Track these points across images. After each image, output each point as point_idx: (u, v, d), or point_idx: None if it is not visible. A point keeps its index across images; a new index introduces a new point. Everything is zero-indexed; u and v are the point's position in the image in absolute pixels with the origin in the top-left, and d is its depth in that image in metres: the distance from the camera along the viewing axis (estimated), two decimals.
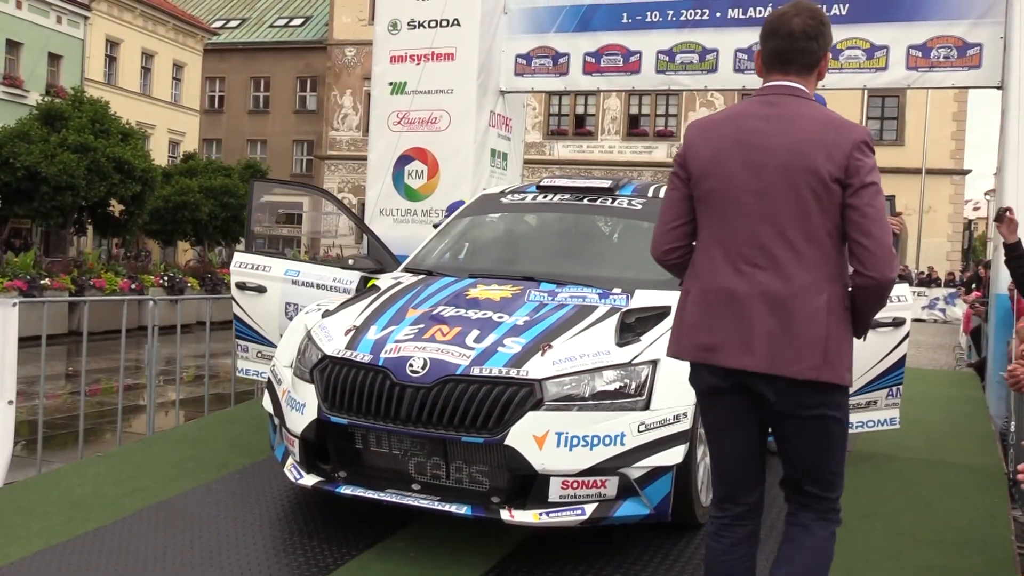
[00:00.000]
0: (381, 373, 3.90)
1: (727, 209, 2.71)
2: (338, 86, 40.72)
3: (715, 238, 2.75)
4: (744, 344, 2.64)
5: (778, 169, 2.64)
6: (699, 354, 2.74)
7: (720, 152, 2.73)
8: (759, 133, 2.69)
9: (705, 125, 2.84)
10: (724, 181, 2.71)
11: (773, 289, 2.63)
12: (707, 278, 2.75)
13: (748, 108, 2.78)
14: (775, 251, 2.64)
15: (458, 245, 5.59)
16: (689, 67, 8.49)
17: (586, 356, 3.87)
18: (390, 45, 9.06)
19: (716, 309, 2.71)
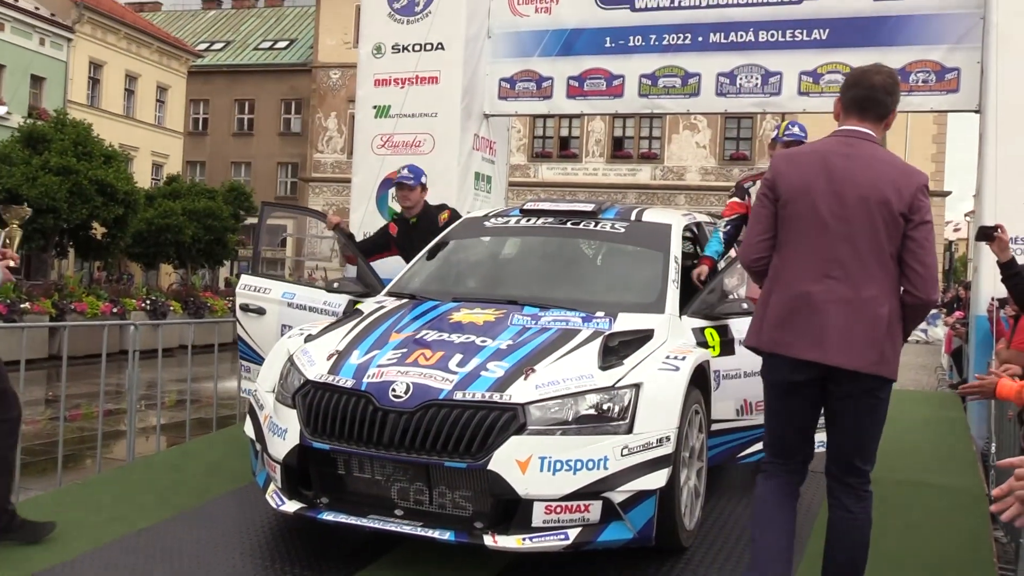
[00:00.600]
0: (364, 398, 3.90)
1: (811, 228, 3.29)
2: (323, 108, 40.78)
3: (798, 251, 3.32)
4: (816, 340, 3.23)
5: (857, 200, 3.25)
6: (777, 347, 3.32)
7: (808, 181, 3.31)
8: (843, 169, 3.29)
9: (793, 157, 3.44)
10: (811, 205, 3.29)
11: (846, 297, 3.23)
12: (789, 284, 3.32)
13: (830, 146, 3.38)
14: (849, 266, 3.24)
15: (442, 269, 5.60)
16: (672, 91, 8.55)
17: (569, 380, 3.88)
18: (374, 69, 9.08)
19: (795, 310, 3.29)
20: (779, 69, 8.21)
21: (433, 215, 6.61)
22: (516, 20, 9.10)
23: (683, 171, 36.79)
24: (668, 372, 4.02)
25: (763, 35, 8.24)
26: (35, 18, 31.39)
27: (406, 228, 6.57)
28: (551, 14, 8.98)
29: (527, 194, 35.21)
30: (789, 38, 8.19)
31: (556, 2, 8.95)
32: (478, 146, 9.15)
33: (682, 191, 36.72)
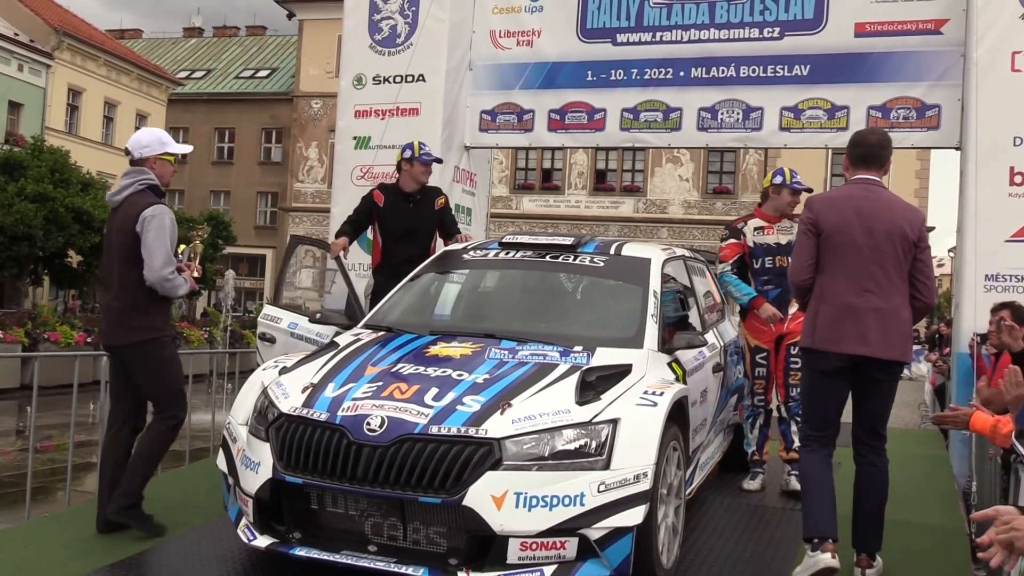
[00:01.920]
0: (338, 431, 3.90)
1: (849, 254, 4.39)
2: (304, 138, 40.87)
3: (841, 272, 4.40)
4: (861, 338, 4.33)
5: (883, 234, 4.38)
6: (831, 345, 4.38)
7: (845, 219, 4.41)
8: (869, 209, 4.42)
9: (830, 200, 4.52)
10: (849, 237, 4.39)
11: (879, 306, 4.36)
12: (835, 297, 4.40)
13: (856, 192, 4.48)
14: (880, 282, 4.37)
15: (419, 301, 5.61)
16: (653, 125, 8.63)
17: (546, 415, 3.89)
18: (355, 100, 9.14)
19: (842, 317, 4.37)
20: (760, 104, 8.31)
21: (431, 196, 6.70)
22: (497, 52, 9.19)
23: (666, 204, 37.01)
24: (646, 408, 4.04)
25: (744, 70, 8.35)
26: (14, 44, 31.40)
27: (401, 202, 6.63)
28: (532, 47, 9.07)
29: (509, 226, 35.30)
30: (770, 73, 8.30)
31: (538, 35, 9.05)
32: (458, 178, 9.20)
33: (665, 224, 36.91)
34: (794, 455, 5.93)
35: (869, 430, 4.53)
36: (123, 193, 5.00)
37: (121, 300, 4.95)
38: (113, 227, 5.01)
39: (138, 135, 5.16)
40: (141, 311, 4.92)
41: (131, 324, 4.92)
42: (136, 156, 5.05)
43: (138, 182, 5.00)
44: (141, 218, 4.85)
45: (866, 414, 4.52)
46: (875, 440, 4.53)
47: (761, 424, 6.20)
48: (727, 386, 6.09)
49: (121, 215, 4.96)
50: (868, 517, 4.51)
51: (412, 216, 6.56)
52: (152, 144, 5.07)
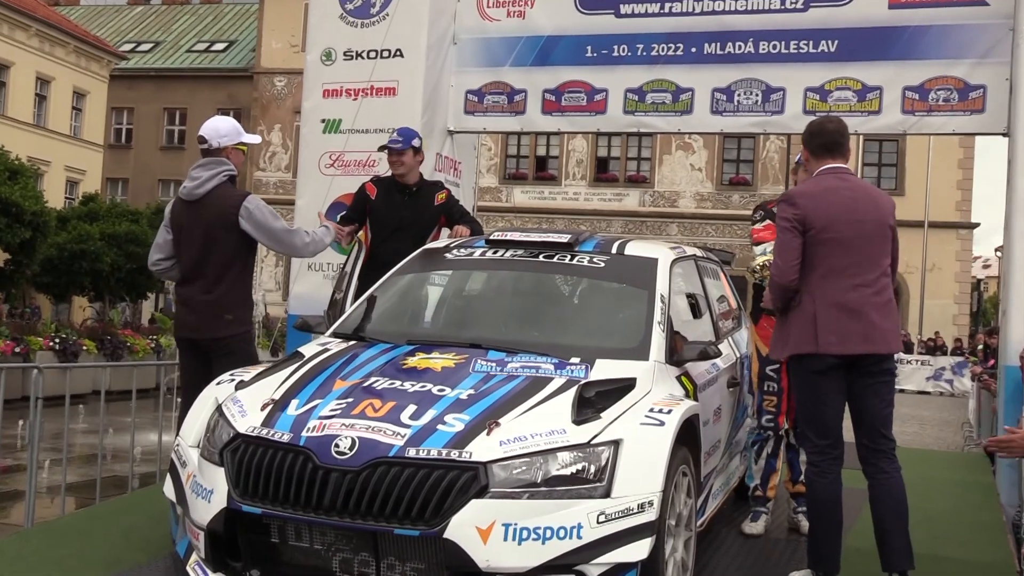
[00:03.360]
0: (302, 455, 3.90)
1: (840, 250, 4.68)
2: (265, 120, 40.86)
3: (833, 269, 4.68)
4: (865, 337, 4.64)
5: (870, 224, 4.74)
6: (833, 348, 4.63)
7: (834, 213, 4.70)
8: (855, 201, 4.75)
9: (813, 194, 4.78)
10: (839, 232, 4.68)
11: (875, 300, 4.69)
12: (829, 295, 4.66)
13: (833, 183, 4.80)
14: (871, 276, 4.70)
15: (395, 307, 5.61)
16: (661, 108, 8.64)
17: (538, 435, 3.90)
18: (323, 77, 9.12)
19: (840, 316, 4.64)
20: (782, 85, 8.32)
21: (430, 190, 6.72)
22: (485, 25, 9.19)
23: (676, 197, 37.12)
24: (652, 427, 4.05)
25: (764, 46, 8.36)
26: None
27: (395, 195, 6.66)
28: (525, 19, 9.06)
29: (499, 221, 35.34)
30: (793, 50, 8.30)
31: (531, 5, 9.05)
32: (440, 167, 9.20)
33: (675, 220, 37.03)
34: (801, 488, 5.81)
35: (874, 433, 4.79)
36: (207, 185, 5.55)
37: (214, 293, 5.52)
38: (197, 220, 5.54)
39: (215, 124, 5.70)
40: (235, 304, 5.57)
41: (224, 316, 5.51)
42: (214, 145, 5.62)
43: (221, 173, 5.58)
44: (244, 211, 5.48)
45: (868, 417, 4.79)
46: (882, 443, 4.78)
47: (769, 453, 6.00)
48: (743, 403, 6.10)
49: (210, 209, 5.50)
50: (892, 534, 4.67)
51: (405, 211, 6.57)
52: (231, 134, 5.67)
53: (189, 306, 5.67)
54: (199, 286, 5.58)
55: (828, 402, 4.75)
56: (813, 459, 4.82)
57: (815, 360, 4.70)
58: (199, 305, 5.58)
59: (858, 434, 4.84)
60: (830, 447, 4.77)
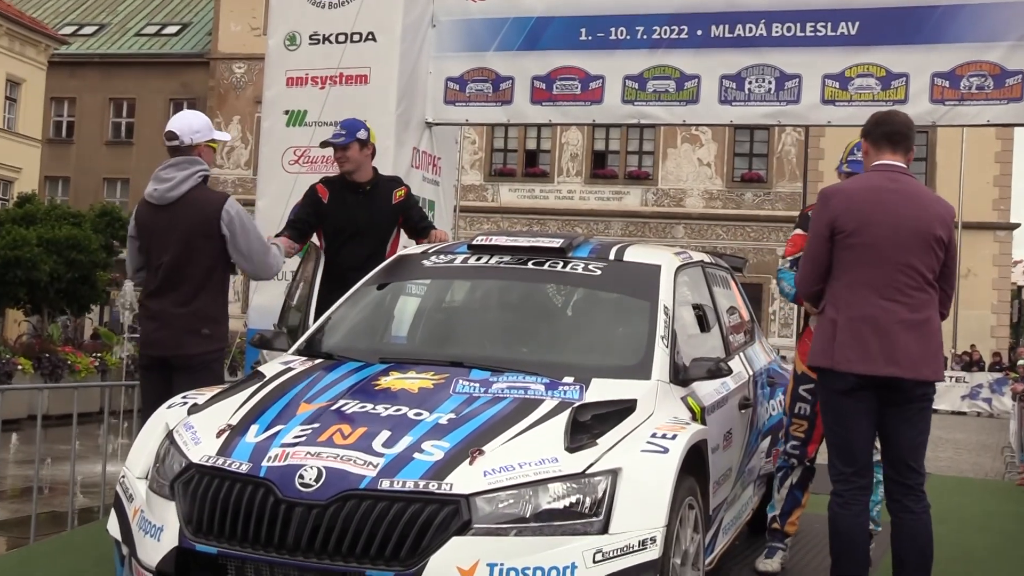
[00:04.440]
0: (263, 487, 3.89)
1: (873, 258, 4.68)
2: (223, 111, 40.83)
3: (861, 279, 4.70)
4: (889, 357, 4.62)
5: (912, 232, 4.69)
6: (852, 366, 4.66)
7: (868, 216, 4.71)
8: (896, 204, 4.73)
9: (848, 194, 4.87)
10: (873, 238, 4.68)
11: (907, 318, 4.65)
12: (855, 308, 4.69)
13: (878, 182, 4.81)
14: (906, 291, 4.67)
15: (366, 321, 5.62)
16: (664, 96, 8.65)
17: (527, 465, 3.90)
18: (287, 63, 9.12)
19: (865, 332, 4.66)
20: (798, 71, 8.34)
21: (387, 188, 6.70)
22: (467, 5, 9.21)
23: (681, 195, 37.21)
24: (654, 455, 4.05)
25: (777, 29, 8.38)
26: None
27: (347, 195, 6.65)
28: None
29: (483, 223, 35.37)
30: (810, 33, 8.33)
31: None
32: (418, 163, 9.21)
33: (681, 220, 37.10)
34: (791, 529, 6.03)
35: (902, 467, 4.81)
36: (182, 187, 5.58)
37: (190, 306, 5.55)
38: (171, 226, 5.57)
39: (187, 119, 5.76)
40: (212, 319, 5.62)
41: (201, 332, 5.56)
42: (187, 142, 5.67)
43: (196, 174, 5.64)
44: (226, 215, 5.53)
45: (896, 447, 4.81)
46: (911, 478, 4.79)
47: (794, 483, 5.99)
48: (757, 426, 6.11)
49: (187, 214, 5.52)
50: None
51: (360, 213, 6.55)
52: (203, 129, 5.76)
53: (160, 320, 5.67)
54: (172, 298, 5.60)
55: (853, 426, 4.77)
56: (837, 488, 4.84)
57: (837, 378, 4.75)
58: (173, 319, 5.59)
59: (886, 466, 4.90)
60: (855, 475, 4.79)
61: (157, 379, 5.66)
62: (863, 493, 4.81)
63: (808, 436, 5.87)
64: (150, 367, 5.76)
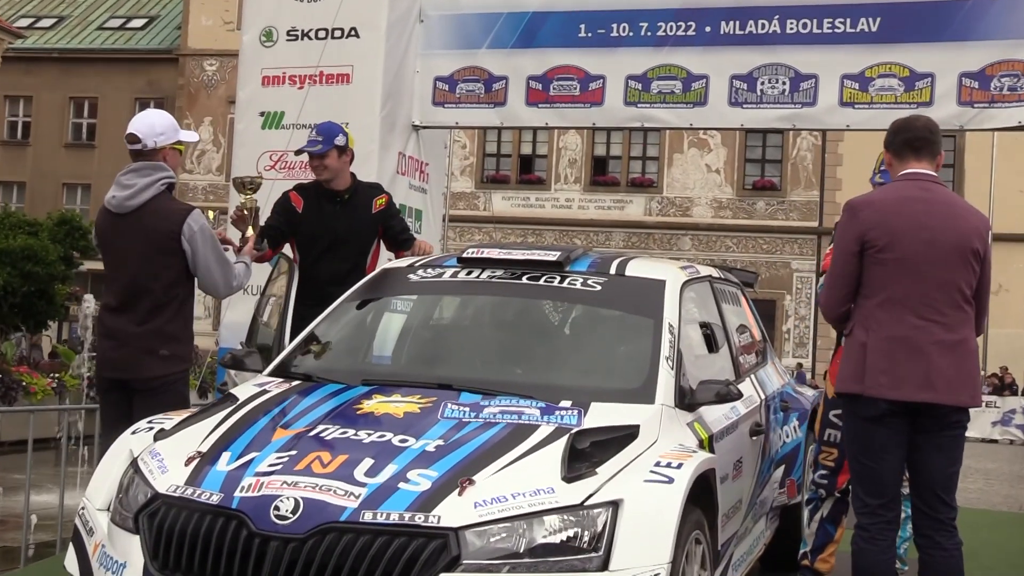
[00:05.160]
0: (235, 519, 3.89)
1: (905, 274, 4.69)
2: (193, 112, 40.86)
3: (894, 297, 4.71)
4: (925, 381, 4.63)
5: (948, 247, 4.71)
6: (884, 391, 4.66)
7: (900, 229, 4.71)
8: (930, 216, 4.75)
9: (878, 205, 4.86)
10: (906, 253, 4.70)
11: (944, 339, 4.67)
12: (887, 329, 4.70)
13: (909, 192, 4.83)
14: (942, 309, 4.69)
15: (348, 340, 5.63)
16: (670, 98, 8.67)
17: (521, 496, 3.90)
18: (263, 61, 9.14)
19: (898, 354, 4.66)
20: (814, 71, 8.37)
21: (367, 195, 6.71)
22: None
23: (688, 204, 37.25)
24: (658, 485, 4.05)
25: (792, 25, 8.41)
26: None
27: (324, 204, 6.67)
28: None
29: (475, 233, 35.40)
30: (827, 30, 8.36)
31: None
32: (404, 169, 9.22)
33: (688, 231, 37.14)
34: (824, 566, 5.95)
35: (933, 499, 4.80)
36: (143, 195, 5.53)
37: (149, 324, 5.53)
38: (130, 237, 5.55)
39: (149, 119, 5.69)
40: (174, 338, 5.60)
41: (159, 352, 5.54)
42: (150, 145, 5.59)
43: (159, 181, 5.56)
44: (188, 229, 5.49)
45: (927, 478, 4.82)
46: (942, 512, 4.79)
47: (824, 516, 5.97)
48: (770, 454, 6.11)
49: (147, 224, 5.49)
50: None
51: (339, 222, 6.55)
52: (168, 131, 5.67)
53: (117, 339, 5.65)
54: (131, 316, 5.58)
55: (883, 455, 4.78)
56: (862, 522, 4.84)
57: (866, 404, 4.74)
58: (130, 339, 5.57)
59: (915, 497, 4.88)
60: (883, 508, 4.80)
61: (117, 402, 5.65)
62: (890, 528, 4.80)
63: (838, 465, 5.86)
64: (109, 389, 5.74)
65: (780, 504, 6.44)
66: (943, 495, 4.79)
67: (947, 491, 4.80)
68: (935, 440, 4.75)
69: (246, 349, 5.68)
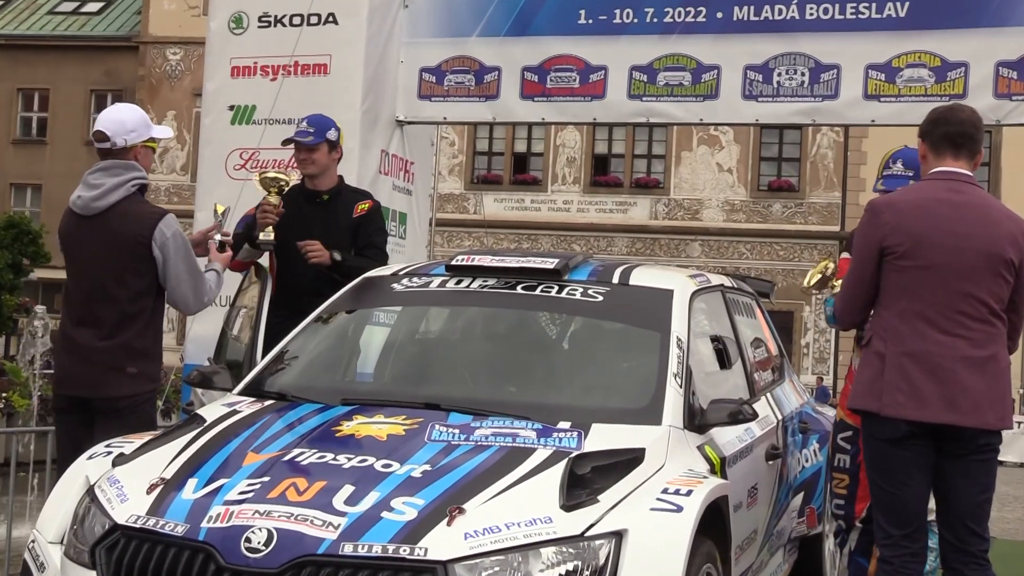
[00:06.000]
0: (202, 552, 3.88)
1: (930, 284, 4.66)
2: (154, 105, 40.82)
3: (914, 308, 4.68)
4: (949, 401, 4.59)
5: (978, 256, 4.65)
6: (904, 411, 4.62)
7: (925, 234, 4.68)
8: (960, 221, 4.70)
9: (901, 207, 4.82)
10: (930, 260, 4.66)
11: (971, 354, 4.62)
12: (907, 342, 4.67)
13: (938, 194, 4.80)
14: (969, 322, 4.64)
15: (326, 355, 5.64)
16: (678, 91, 8.68)
17: (515, 526, 3.90)
18: (232, 50, 9.13)
19: (918, 371, 4.63)
20: (836, 61, 8.38)
21: (350, 199, 6.70)
22: None
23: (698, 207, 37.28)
24: (665, 514, 4.06)
25: (812, 10, 8.42)
26: None
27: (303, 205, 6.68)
28: None
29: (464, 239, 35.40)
30: (851, 15, 8.37)
31: None
32: (387, 168, 9.22)
33: (697, 236, 37.18)
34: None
35: (962, 530, 4.76)
36: (111, 197, 5.53)
37: (115, 339, 5.50)
38: (97, 243, 5.55)
39: (118, 115, 5.68)
40: (142, 355, 5.57)
41: (126, 370, 5.51)
42: (119, 144, 5.57)
43: (130, 182, 5.57)
44: (159, 235, 5.48)
45: (955, 507, 4.77)
46: (972, 543, 4.76)
47: (853, 549, 5.99)
48: (788, 480, 6.12)
49: (113, 227, 5.48)
50: None
51: (315, 225, 6.54)
52: (139, 127, 5.65)
53: (79, 355, 5.62)
54: (95, 329, 5.55)
55: (904, 481, 4.75)
56: (885, 554, 4.82)
57: (885, 425, 4.72)
58: (93, 354, 5.53)
59: (941, 528, 4.86)
60: (907, 539, 4.77)
61: (75, 424, 5.60)
62: (916, 560, 4.78)
63: (852, 492, 5.87)
64: (67, 409, 5.70)
65: (799, 535, 6.45)
66: (973, 525, 4.75)
67: (978, 521, 4.76)
68: (962, 465, 4.71)
69: (214, 366, 5.67)
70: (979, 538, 4.75)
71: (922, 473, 4.73)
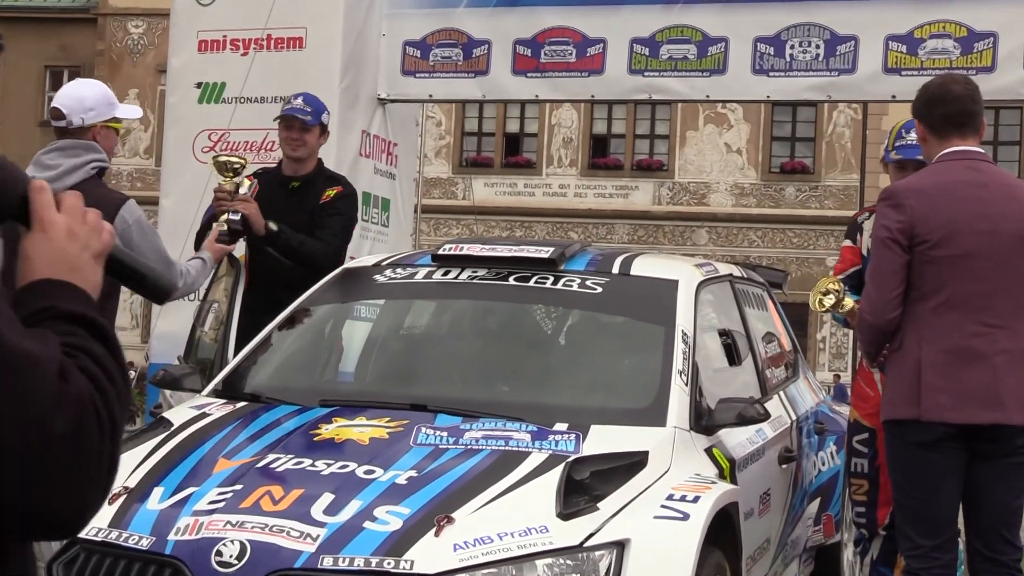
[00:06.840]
0: (170, 567, 3.90)
1: (963, 272, 4.64)
2: (115, 83, 40.65)
3: (949, 301, 4.65)
4: (992, 398, 4.58)
5: (1012, 237, 4.66)
6: (946, 414, 4.59)
7: (954, 219, 4.66)
8: (988, 203, 4.71)
9: (928, 191, 4.78)
10: (966, 247, 4.64)
11: (1012, 347, 4.62)
12: (945, 339, 4.64)
13: (961, 175, 4.78)
14: (1009, 313, 4.65)
15: (302, 353, 5.65)
16: (682, 65, 8.69)
17: (508, 536, 3.91)
18: (199, 22, 9.13)
19: (956, 368, 4.61)
20: (853, 32, 8.39)
21: (321, 186, 6.69)
22: None
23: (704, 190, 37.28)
24: (671, 522, 4.08)
25: None
26: None
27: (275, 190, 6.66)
28: None
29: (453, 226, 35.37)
30: None
31: None
32: (368, 150, 9.23)
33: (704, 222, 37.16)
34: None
35: (994, 538, 4.78)
36: (67, 179, 5.37)
37: None
38: None
39: (77, 91, 5.64)
40: None
41: None
42: (76, 123, 5.51)
43: (89, 164, 5.48)
44: (121, 223, 5.34)
45: (988, 513, 4.78)
46: (1005, 553, 4.77)
47: (875, 558, 5.96)
48: (803, 485, 6.13)
49: None
50: None
51: (283, 213, 6.51)
52: (99, 105, 5.55)
53: None
54: None
55: (938, 487, 4.75)
56: (912, 566, 4.82)
57: (918, 428, 4.69)
58: None
59: (970, 535, 4.85)
60: (938, 550, 4.76)
61: None
62: (946, 572, 4.79)
63: (872, 498, 5.86)
64: None
65: (815, 544, 6.46)
66: (1006, 533, 4.75)
67: (1011, 528, 4.78)
68: (996, 469, 4.70)
69: (183, 365, 5.66)
70: (1011, 546, 4.76)
71: (955, 478, 4.71)
